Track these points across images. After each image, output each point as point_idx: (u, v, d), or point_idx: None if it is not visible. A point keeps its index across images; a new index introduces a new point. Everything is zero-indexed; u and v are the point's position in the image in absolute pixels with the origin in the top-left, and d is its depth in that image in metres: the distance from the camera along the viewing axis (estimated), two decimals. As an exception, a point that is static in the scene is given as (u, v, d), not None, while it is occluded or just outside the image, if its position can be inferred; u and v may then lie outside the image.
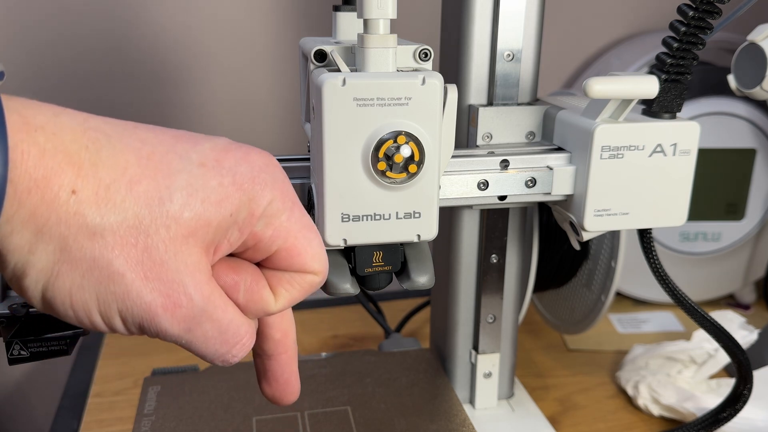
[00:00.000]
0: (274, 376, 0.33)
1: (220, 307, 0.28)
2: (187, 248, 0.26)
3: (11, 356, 0.36)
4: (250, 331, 0.30)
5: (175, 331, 0.27)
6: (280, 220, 0.29)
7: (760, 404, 0.57)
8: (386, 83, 0.34)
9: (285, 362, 0.33)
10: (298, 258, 0.30)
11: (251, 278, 0.29)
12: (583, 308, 0.64)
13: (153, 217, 0.25)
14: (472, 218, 0.54)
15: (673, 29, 0.42)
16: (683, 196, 0.45)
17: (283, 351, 0.33)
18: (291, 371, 0.34)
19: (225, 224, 0.27)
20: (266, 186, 0.28)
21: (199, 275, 0.27)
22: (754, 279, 0.83)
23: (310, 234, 0.30)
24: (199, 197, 0.26)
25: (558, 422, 0.62)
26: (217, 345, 0.28)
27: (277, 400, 0.34)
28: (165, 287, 0.26)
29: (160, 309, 0.26)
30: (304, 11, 0.77)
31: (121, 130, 0.26)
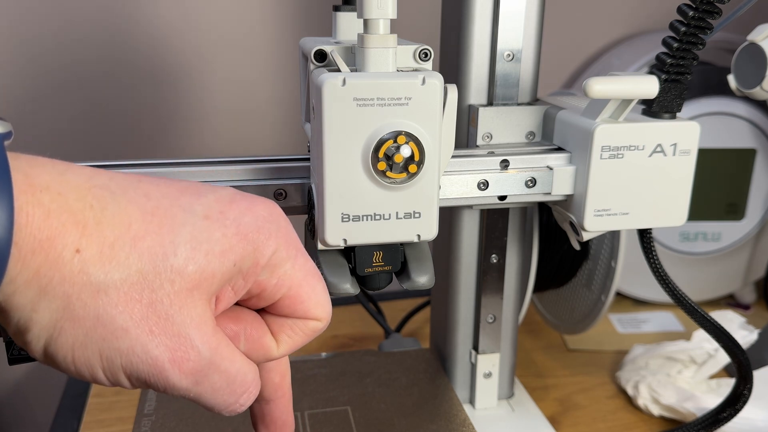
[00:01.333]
0: (272, 419, 0.33)
1: (228, 358, 0.28)
2: (192, 301, 0.26)
3: (11, 356, 0.36)
4: (256, 379, 0.30)
5: (184, 385, 0.27)
6: (285, 268, 0.29)
7: (760, 404, 0.57)
8: (386, 83, 0.34)
9: (284, 405, 0.34)
10: (301, 305, 0.30)
11: (251, 326, 0.30)
12: (583, 308, 0.64)
13: (157, 272, 0.25)
14: (472, 218, 0.54)
15: (673, 29, 0.42)
16: (683, 196, 0.45)
17: (281, 395, 0.33)
18: (288, 413, 0.34)
19: (228, 274, 0.27)
20: (270, 235, 0.28)
21: (205, 327, 0.27)
22: (754, 279, 0.83)
23: (314, 280, 0.30)
24: (203, 250, 0.26)
25: (558, 422, 0.62)
26: (226, 395, 0.29)
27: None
28: (171, 342, 0.26)
29: (167, 363, 0.26)
30: (304, 11, 0.77)
31: (125, 185, 0.26)
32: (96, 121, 0.76)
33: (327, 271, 0.38)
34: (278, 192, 0.41)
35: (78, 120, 0.75)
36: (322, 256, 0.39)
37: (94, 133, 0.76)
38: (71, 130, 0.75)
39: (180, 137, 0.78)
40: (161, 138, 0.78)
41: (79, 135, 0.76)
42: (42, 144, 0.75)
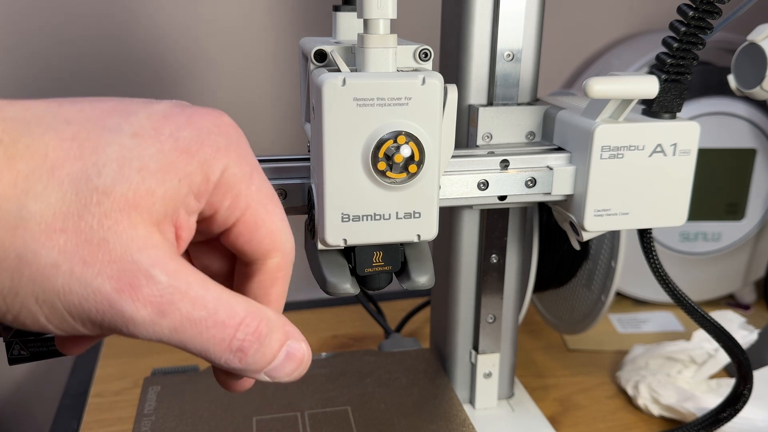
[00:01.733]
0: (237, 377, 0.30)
1: (198, 283, 0.24)
2: (129, 223, 0.23)
3: (11, 356, 0.36)
4: (251, 310, 0.26)
5: (146, 317, 0.23)
6: (239, 188, 0.26)
7: (760, 404, 0.57)
8: (386, 83, 0.34)
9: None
10: (257, 233, 0.27)
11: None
12: (583, 308, 0.64)
13: (80, 197, 0.22)
14: (472, 218, 0.54)
15: (673, 29, 0.42)
16: (683, 196, 0.45)
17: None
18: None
19: (174, 193, 0.24)
20: (219, 149, 0.25)
21: (156, 251, 0.23)
22: (754, 279, 0.83)
23: (271, 205, 0.27)
24: (134, 167, 0.23)
25: (558, 422, 0.62)
26: (213, 330, 0.24)
27: (228, 387, 0.31)
28: (112, 269, 0.23)
29: (114, 294, 0.23)
30: (304, 11, 0.77)
31: (42, 114, 0.23)
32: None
33: (327, 271, 0.38)
34: (278, 192, 0.41)
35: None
36: (322, 256, 0.39)
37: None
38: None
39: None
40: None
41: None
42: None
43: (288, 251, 0.28)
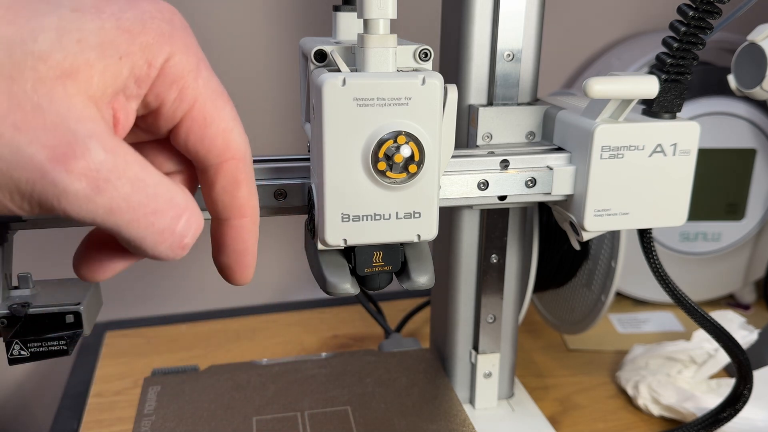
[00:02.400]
0: (227, 243, 0.30)
1: (138, 164, 0.23)
2: (65, 92, 0.22)
3: (11, 356, 0.36)
4: (191, 203, 0.25)
5: (80, 192, 0.21)
6: (186, 80, 0.25)
7: (760, 404, 0.57)
8: (386, 83, 0.34)
9: (242, 227, 0.29)
10: (208, 130, 0.26)
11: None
12: (583, 308, 0.64)
13: (14, 60, 0.21)
14: (472, 218, 0.54)
15: (673, 29, 0.42)
16: (683, 196, 0.45)
17: (237, 213, 0.29)
18: (247, 238, 0.29)
19: (115, 71, 0.23)
20: (163, 35, 0.24)
21: (93, 124, 0.22)
22: (754, 279, 0.83)
23: (221, 101, 0.26)
24: (73, 38, 0.22)
25: (558, 422, 0.62)
26: (151, 216, 0.23)
27: (231, 271, 0.30)
28: (47, 136, 0.21)
29: (48, 163, 0.21)
30: (304, 11, 0.77)
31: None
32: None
33: (327, 271, 0.38)
34: (278, 192, 0.41)
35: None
36: (322, 256, 0.39)
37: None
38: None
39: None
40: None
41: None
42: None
43: (244, 151, 0.28)
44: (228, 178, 0.28)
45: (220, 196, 0.28)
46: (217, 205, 0.29)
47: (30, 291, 0.39)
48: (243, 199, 0.29)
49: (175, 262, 0.83)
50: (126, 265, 0.29)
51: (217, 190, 0.28)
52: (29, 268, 0.41)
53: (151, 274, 0.84)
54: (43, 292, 0.39)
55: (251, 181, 0.29)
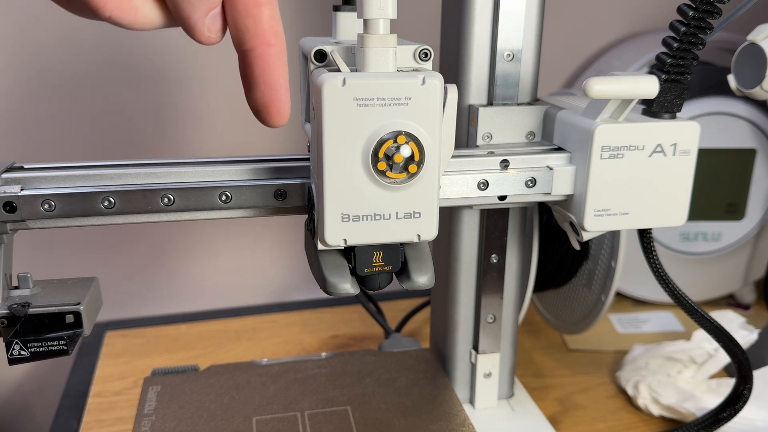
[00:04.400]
0: (258, 76, 0.29)
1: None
2: None
3: (11, 356, 0.36)
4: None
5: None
6: None
7: (760, 404, 0.57)
8: (386, 83, 0.34)
9: (271, 58, 0.29)
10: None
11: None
12: (583, 308, 0.64)
13: None
14: (472, 218, 0.54)
15: (673, 29, 0.42)
16: (683, 196, 0.45)
17: (263, 42, 0.29)
18: (276, 71, 0.29)
19: None
20: None
21: None
22: (754, 279, 0.83)
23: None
24: None
25: (558, 422, 0.62)
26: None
27: (266, 108, 0.30)
28: None
29: None
30: (304, 11, 0.77)
31: None
32: (96, 121, 0.76)
33: (327, 271, 0.38)
34: (278, 192, 0.41)
35: (78, 120, 0.75)
36: (322, 256, 0.39)
37: (94, 133, 0.76)
38: (71, 130, 0.75)
39: (180, 137, 0.78)
40: (161, 138, 0.78)
41: (79, 135, 0.76)
42: (42, 144, 0.75)
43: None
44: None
45: (243, 19, 0.28)
46: (241, 30, 0.28)
47: (30, 291, 0.39)
48: (266, 23, 0.28)
49: (174, 262, 0.83)
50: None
51: (239, 12, 0.28)
52: (29, 268, 0.41)
53: (151, 274, 0.84)
54: (43, 292, 0.39)
55: (274, 5, 0.29)
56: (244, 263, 0.86)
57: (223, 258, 0.85)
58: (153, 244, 0.82)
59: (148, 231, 0.81)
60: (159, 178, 0.41)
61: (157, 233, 0.82)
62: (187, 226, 0.82)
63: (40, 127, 0.74)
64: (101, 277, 0.44)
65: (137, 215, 0.40)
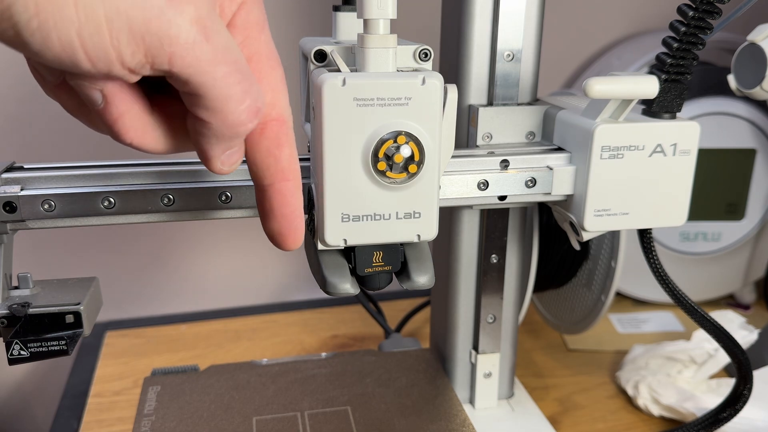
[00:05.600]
0: (276, 208, 0.31)
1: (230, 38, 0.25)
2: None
3: (11, 356, 0.36)
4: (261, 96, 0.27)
5: (192, 35, 0.23)
6: (252, 31, 0.27)
7: (760, 404, 0.57)
8: (386, 83, 0.34)
9: (288, 190, 0.30)
10: (260, 83, 0.28)
11: None
12: (583, 308, 0.64)
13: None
14: (472, 218, 0.54)
15: (673, 29, 0.42)
16: (683, 196, 0.45)
17: (282, 177, 0.30)
18: (293, 201, 0.31)
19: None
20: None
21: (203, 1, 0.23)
22: (754, 279, 0.83)
23: (275, 62, 0.28)
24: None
25: (558, 422, 0.62)
26: (238, 74, 0.25)
27: (282, 236, 0.31)
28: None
29: (165, 3, 0.22)
30: (304, 11, 0.77)
31: None
32: (96, 121, 0.76)
33: (327, 271, 0.38)
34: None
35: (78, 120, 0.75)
36: (322, 256, 0.39)
37: (94, 133, 0.76)
38: (71, 130, 0.75)
39: (180, 137, 0.78)
40: (161, 138, 0.77)
41: (79, 135, 0.76)
42: (42, 144, 0.75)
43: (288, 115, 0.29)
44: (272, 138, 0.29)
45: (264, 159, 0.30)
46: (262, 168, 0.30)
47: (30, 291, 0.39)
48: (286, 162, 0.30)
49: (174, 262, 0.83)
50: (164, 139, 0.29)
51: (261, 151, 0.29)
52: (29, 268, 0.41)
53: (151, 274, 0.84)
54: (43, 292, 0.39)
55: (293, 145, 0.30)
56: (244, 263, 0.86)
57: (223, 258, 0.85)
58: (153, 244, 0.82)
59: (148, 231, 0.81)
60: (159, 178, 0.41)
61: (157, 233, 0.82)
62: (187, 226, 0.82)
63: (40, 127, 0.74)
64: (101, 277, 0.44)
65: (137, 215, 0.40)
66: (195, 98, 0.25)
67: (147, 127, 0.27)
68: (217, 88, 0.25)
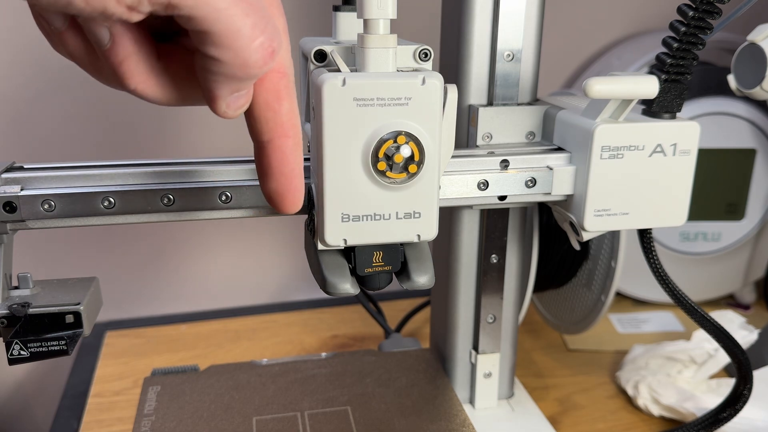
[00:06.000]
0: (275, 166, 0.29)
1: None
2: None
3: (11, 356, 0.36)
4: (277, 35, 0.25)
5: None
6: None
7: (760, 404, 0.57)
8: (386, 83, 0.34)
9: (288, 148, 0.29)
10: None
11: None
12: (583, 308, 0.64)
13: None
14: (472, 218, 0.54)
15: (673, 29, 0.42)
16: (683, 196, 0.45)
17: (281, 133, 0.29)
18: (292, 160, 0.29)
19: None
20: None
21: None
22: (754, 279, 0.83)
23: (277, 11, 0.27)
24: None
25: (558, 422, 0.62)
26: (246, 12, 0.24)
27: (280, 196, 0.30)
28: None
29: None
30: (304, 11, 0.77)
31: None
32: (96, 121, 0.76)
33: (327, 271, 0.38)
34: (278, 192, 0.41)
35: (78, 120, 0.75)
36: (322, 256, 0.39)
37: (94, 133, 0.76)
38: (71, 130, 0.75)
39: (180, 137, 0.78)
40: (161, 138, 0.78)
41: (79, 135, 0.76)
42: (42, 144, 0.75)
43: (288, 66, 0.28)
44: (271, 90, 0.28)
45: (263, 112, 0.29)
46: (260, 122, 0.29)
47: (30, 291, 0.39)
48: (285, 116, 0.29)
49: (175, 262, 0.83)
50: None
51: (259, 104, 0.28)
52: (29, 268, 0.41)
53: (151, 274, 0.84)
54: (43, 292, 0.39)
55: (293, 99, 0.29)
56: (244, 263, 0.86)
57: (223, 258, 0.85)
58: (153, 244, 0.82)
59: (148, 231, 0.81)
60: (159, 178, 0.41)
61: (157, 233, 0.82)
62: (187, 226, 0.82)
63: (40, 127, 0.74)
64: (101, 277, 0.44)
65: (137, 215, 0.40)
66: (202, 35, 0.24)
67: (152, 73, 0.27)
68: (221, 21, 0.23)
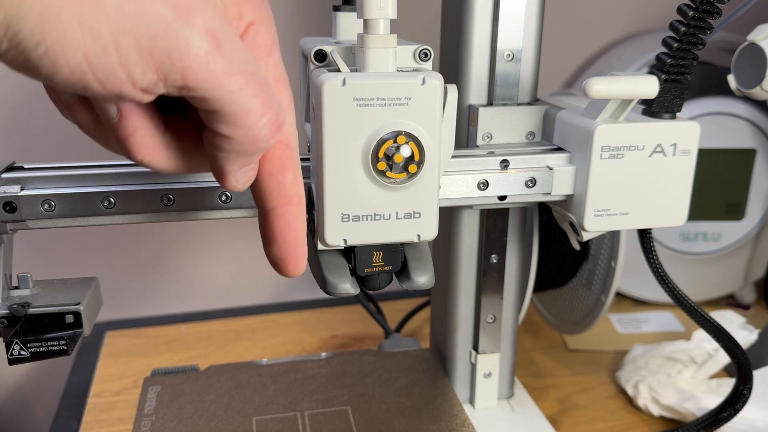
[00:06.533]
0: (278, 234, 0.30)
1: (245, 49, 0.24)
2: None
3: (11, 356, 0.36)
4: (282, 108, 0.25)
5: (203, 48, 0.22)
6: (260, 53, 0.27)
7: (760, 404, 0.57)
8: (386, 83, 0.34)
9: (291, 215, 0.30)
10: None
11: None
12: (583, 308, 0.64)
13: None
14: (472, 218, 0.54)
15: (673, 29, 0.42)
16: (683, 196, 0.45)
17: (286, 202, 0.29)
18: (296, 227, 0.30)
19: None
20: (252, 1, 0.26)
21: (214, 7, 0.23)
22: (754, 279, 0.83)
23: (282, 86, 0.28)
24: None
25: (558, 422, 0.62)
26: (257, 86, 0.24)
27: (283, 262, 0.31)
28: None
29: (171, 16, 0.21)
30: (304, 11, 0.77)
31: None
32: (96, 121, 0.76)
33: (327, 271, 0.38)
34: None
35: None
36: (322, 256, 0.39)
37: (94, 133, 0.76)
38: (71, 130, 0.75)
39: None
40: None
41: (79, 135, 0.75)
42: (42, 144, 0.75)
43: (293, 139, 0.29)
44: (275, 162, 0.29)
45: (267, 182, 0.29)
46: (264, 192, 0.29)
47: (30, 291, 0.39)
48: (289, 186, 0.29)
49: (175, 262, 0.83)
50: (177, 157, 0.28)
51: (264, 175, 0.29)
52: (29, 268, 0.41)
53: (151, 274, 0.84)
54: (43, 292, 0.39)
55: (297, 169, 0.30)
56: (244, 263, 0.86)
57: (223, 258, 0.85)
58: (153, 244, 0.82)
59: (149, 231, 0.81)
60: (159, 178, 0.41)
61: (157, 233, 0.82)
62: (188, 225, 0.82)
63: (40, 127, 0.74)
64: (101, 277, 0.44)
65: (137, 215, 0.40)
66: (214, 114, 0.24)
67: (159, 145, 0.27)
68: (234, 102, 0.24)
